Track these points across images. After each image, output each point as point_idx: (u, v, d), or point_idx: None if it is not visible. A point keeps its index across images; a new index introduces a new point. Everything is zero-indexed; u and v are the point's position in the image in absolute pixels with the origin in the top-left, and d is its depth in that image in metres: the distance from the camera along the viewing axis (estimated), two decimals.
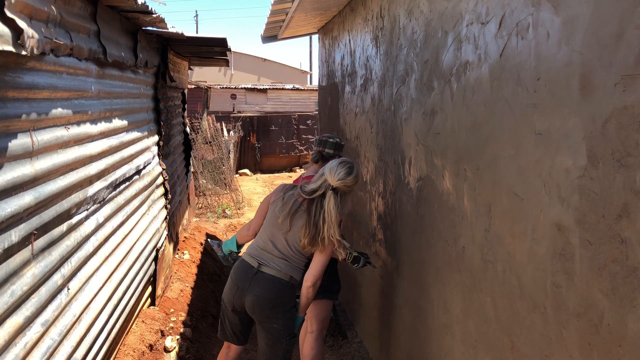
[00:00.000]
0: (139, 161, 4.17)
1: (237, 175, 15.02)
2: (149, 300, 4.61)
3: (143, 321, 4.19)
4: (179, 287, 5.43)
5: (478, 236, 2.21)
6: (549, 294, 1.69)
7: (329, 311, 3.68)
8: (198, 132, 12.09)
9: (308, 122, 18.38)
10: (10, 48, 1.68)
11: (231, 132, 14.43)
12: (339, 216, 2.95)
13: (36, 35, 1.90)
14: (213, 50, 6.68)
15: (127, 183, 3.82)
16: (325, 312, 3.63)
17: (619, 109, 1.37)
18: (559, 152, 1.64)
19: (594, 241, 1.47)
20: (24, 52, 1.79)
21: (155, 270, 4.64)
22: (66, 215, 2.61)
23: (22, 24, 1.74)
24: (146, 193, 4.44)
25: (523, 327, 1.86)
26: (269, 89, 21.32)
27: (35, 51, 1.91)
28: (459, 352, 2.44)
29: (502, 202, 2.00)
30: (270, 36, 7.33)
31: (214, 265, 6.85)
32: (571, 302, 1.58)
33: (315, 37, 7.95)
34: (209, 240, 4.09)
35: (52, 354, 2.43)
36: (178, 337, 4.29)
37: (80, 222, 2.82)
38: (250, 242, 3.25)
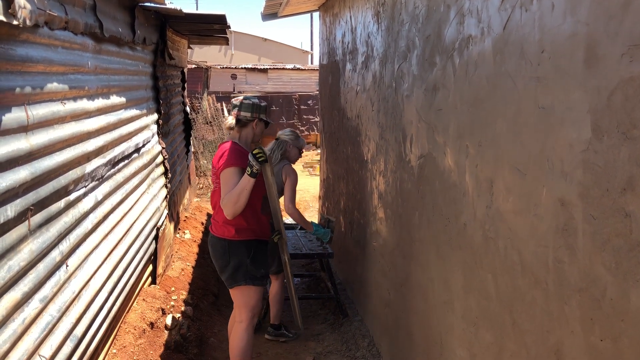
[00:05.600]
0: (138, 139, 4.14)
1: None
2: (150, 278, 4.62)
3: (144, 299, 4.20)
4: (180, 266, 5.44)
5: (479, 213, 2.19)
6: (551, 269, 1.67)
7: (259, 298, 3.41)
8: (198, 112, 12.03)
9: (309, 102, 18.29)
10: (0, 17, 1.64)
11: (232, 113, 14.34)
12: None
13: (28, 6, 1.86)
14: (212, 28, 6.61)
15: (126, 161, 3.79)
16: (254, 299, 3.36)
17: (625, 80, 1.34)
18: (562, 126, 1.60)
19: (597, 216, 1.45)
20: (15, 22, 1.74)
21: (155, 249, 4.63)
22: (64, 191, 2.58)
23: None
24: (146, 171, 4.41)
25: (524, 303, 1.85)
26: (270, 69, 21.16)
27: (27, 22, 1.87)
28: (460, 329, 2.44)
29: (504, 178, 1.97)
30: (270, 14, 7.24)
31: None
32: (573, 278, 1.56)
33: (316, 16, 7.87)
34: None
35: (51, 330, 2.43)
36: (179, 315, 4.30)
37: (78, 199, 2.80)
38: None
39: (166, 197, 5.24)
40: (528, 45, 1.79)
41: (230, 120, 3.39)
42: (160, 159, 5.02)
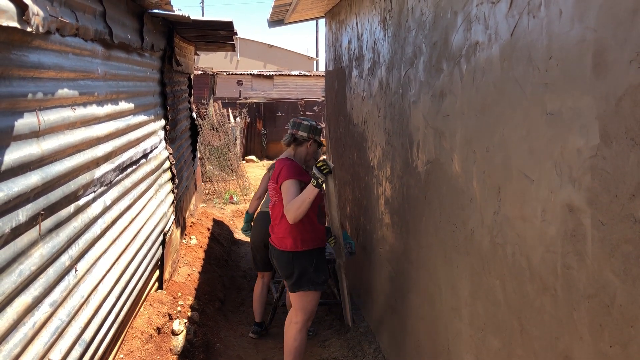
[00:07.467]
0: (145, 145, 4.17)
1: (244, 162, 15.02)
2: (157, 284, 4.63)
3: (151, 304, 4.21)
4: (187, 271, 5.45)
5: (487, 219, 2.19)
6: (560, 275, 1.67)
7: (316, 303, 3.68)
8: (204, 118, 12.07)
9: (315, 108, 18.33)
10: (15, 24, 1.66)
11: (237, 119, 14.40)
12: None
13: (41, 13, 1.88)
14: (219, 35, 6.64)
15: (134, 166, 3.81)
16: (312, 304, 3.64)
17: (634, 86, 1.34)
18: (571, 132, 1.61)
19: (606, 221, 1.45)
20: (29, 29, 1.77)
21: (162, 254, 4.65)
22: (73, 196, 2.60)
23: (27, 0, 1.72)
24: (153, 177, 4.43)
25: (532, 309, 1.85)
26: (276, 75, 21.22)
27: (40, 29, 1.89)
28: (467, 335, 2.44)
29: (512, 184, 1.98)
30: (276, 20, 7.28)
31: (221, 250, 6.87)
32: (582, 284, 1.56)
33: (321, 23, 7.90)
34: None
35: (60, 335, 2.44)
36: (186, 320, 4.31)
37: (87, 204, 2.82)
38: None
39: (173, 202, 5.26)
40: (536, 52, 1.80)
41: (286, 137, 3.74)
42: (167, 164, 5.05)
